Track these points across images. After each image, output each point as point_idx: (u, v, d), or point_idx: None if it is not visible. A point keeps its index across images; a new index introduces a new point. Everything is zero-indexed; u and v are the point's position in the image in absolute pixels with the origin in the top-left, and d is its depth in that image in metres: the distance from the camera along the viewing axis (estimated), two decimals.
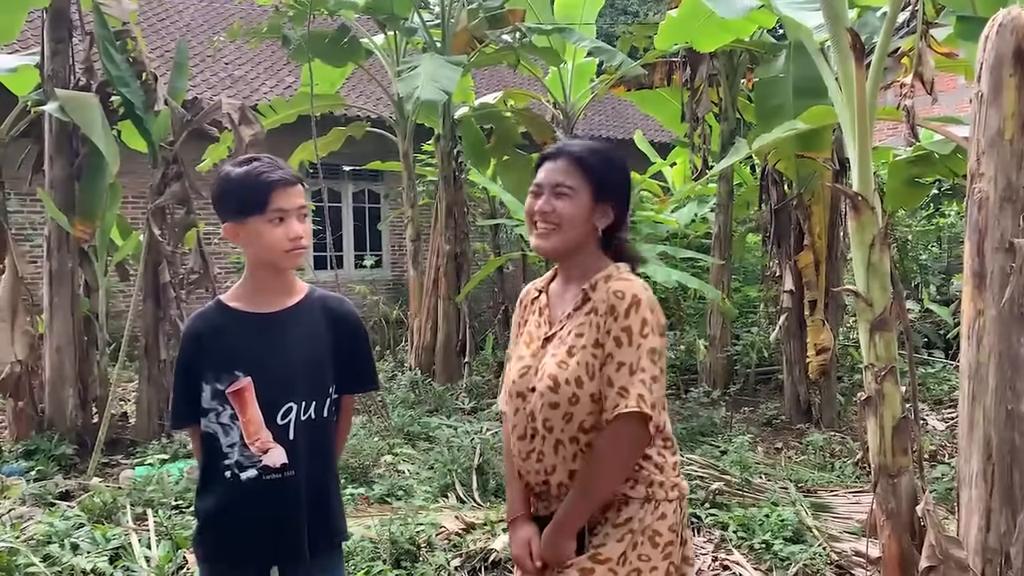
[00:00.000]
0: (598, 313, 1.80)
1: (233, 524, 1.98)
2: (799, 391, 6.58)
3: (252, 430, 1.94)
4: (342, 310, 2.11)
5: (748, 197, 8.46)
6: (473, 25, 7.56)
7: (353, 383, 2.13)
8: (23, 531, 3.85)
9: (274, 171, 1.93)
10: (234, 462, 1.95)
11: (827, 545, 3.77)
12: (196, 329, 2.04)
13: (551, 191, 1.84)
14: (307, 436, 1.98)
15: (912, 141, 3.39)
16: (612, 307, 1.79)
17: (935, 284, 9.55)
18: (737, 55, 7.32)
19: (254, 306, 2.02)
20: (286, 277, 2.05)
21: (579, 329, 1.82)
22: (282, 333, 2.00)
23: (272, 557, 2.01)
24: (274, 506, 1.96)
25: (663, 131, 13.26)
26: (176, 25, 12.82)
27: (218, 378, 1.95)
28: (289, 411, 1.96)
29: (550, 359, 1.84)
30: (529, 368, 1.88)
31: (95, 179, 5.70)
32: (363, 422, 6.22)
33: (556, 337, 1.87)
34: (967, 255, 2.48)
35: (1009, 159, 2.37)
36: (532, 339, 1.92)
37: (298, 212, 1.96)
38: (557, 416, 1.81)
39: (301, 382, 1.98)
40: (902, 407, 2.90)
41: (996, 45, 2.41)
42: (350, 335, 2.09)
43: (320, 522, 2.02)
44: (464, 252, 8.16)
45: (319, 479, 2.02)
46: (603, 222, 1.87)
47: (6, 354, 5.63)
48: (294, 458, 1.96)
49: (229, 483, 1.95)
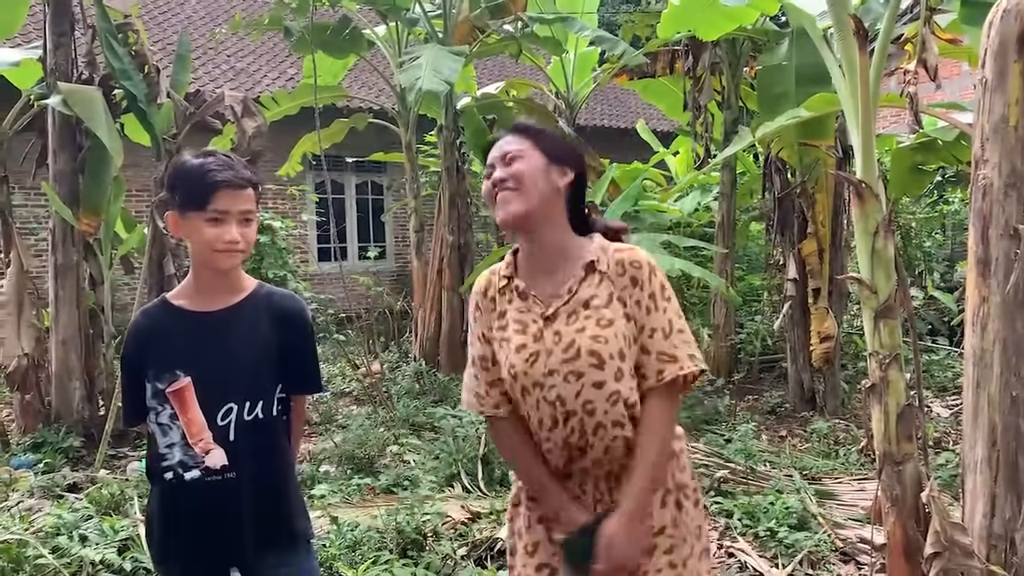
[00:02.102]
0: (617, 286, 1.76)
1: (179, 525, 1.94)
2: (803, 379, 6.59)
3: (194, 430, 1.89)
4: (287, 308, 2.01)
5: (751, 185, 8.45)
6: (475, 15, 7.54)
7: (296, 384, 2.04)
8: (32, 523, 3.87)
9: (223, 171, 1.86)
10: (177, 462, 1.90)
11: (832, 532, 3.78)
12: (139, 326, 1.99)
13: (502, 163, 1.78)
14: (251, 437, 1.92)
15: (916, 128, 3.37)
16: (634, 278, 1.76)
17: (939, 271, 9.52)
18: (740, 43, 7.29)
19: (197, 304, 1.96)
20: (231, 275, 1.97)
21: (596, 302, 1.75)
22: (222, 332, 1.94)
23: (221, 558, 1.96)
24: (216, 507, 1.91)
25: (666, 120, 13.24)
26: (178, 18, 12.81)
27: (159, 377, 1.90)
28: (229, 412, 1.90)
29: (577, 335, 1.73)
30: (537, 353, 1.76)
31: (99, 172, 5.71)
32: (368, 413, 6.25)
33: (560, 315, 1.77)
34: (971, 242, 2.48)
35: (1013, 145, 2.36)
36: (525, 325, 1.79)
37: (240, 216, 1.88)
38: (601, 396, 1.72)
39: (241, 382, 1.92)
40: (906, 394, 2.90)
41: (1000, 31, 2.40)
42: (294, 334, 2.01)
43: (272, 522, 1.96)
44: (467, 243, 8.16)
45: (267, 479, 1.95)
46: (563, 180, 1.80)
47: (13, 348, 5.66)
48: (235, 459, 1.90)
49: (171, 484, 1.91)
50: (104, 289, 6.00)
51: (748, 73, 7.59)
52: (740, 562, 3.63)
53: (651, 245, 6.71)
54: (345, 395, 7.35)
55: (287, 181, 9.63)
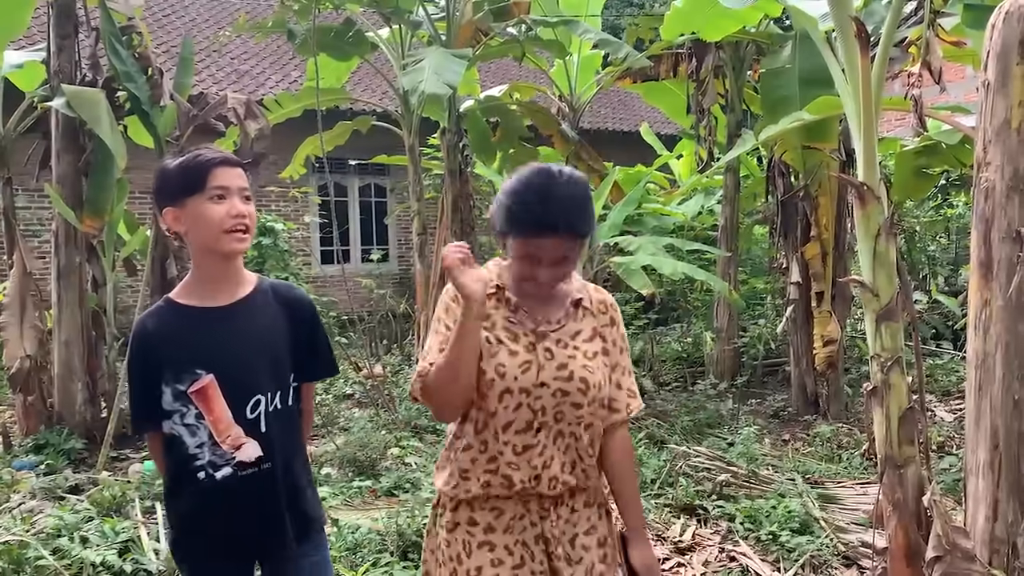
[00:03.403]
0: (599, 323, 1.94)
1: (215, 524, 1.94)
2: (806, 382, 6.58)
3: (221, 428, 1.88)
4: (295, 296, 2.05)
5: (755, 189, 8.44)
6: (478, 18, 7.54)
7: (312, 370, 2.08)
8: (33, 524, 3.88)
9: (213, 153, 1.89)
10: (207, 462, 1.89)
11: (834, 536, 3.77)
12: (147, 330, 1.94)
13: (552, 262, 1.81)
14: (279, 426, 1.95)
15: (920, 131, 3.36)
16: (612, 319, 1.97)
17: (943, 275, 9.51)
18: (743, 46, 7.29)
19: (205, 301, 1.94)
20: (233, 267, 1.96)
21: (583, 336, 1.91)
22: (238, 326, 1.94)
23: (257, 551, 1.99)
24: (254, 501, 1.92)
25: (669, 123, 13.24)
26: (181, 20, 12.84)
27: (178, 378, 1.88)
28: (258, 404, 1.91)
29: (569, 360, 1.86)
30: (529, 363, 1.84)
31: (102, 174, 5.72)
32: (370, 415, 6.24)
33: (550, 337, 1.88)
34: (974, 245, 2.47)
35: (1016, 148, 2.36)
36: (516, 336, 1.87)
37: (240, 192, 1.88)
38: (573, 413, 1.86)
39: (265, 373, 1.94)
40: (909, 398, 2.89)
41: (1003, 33, 2.40)
42: (306, 322, 2.04)
43: (298, 511, 1.99)
44: (471, 245, 8.13)
45: (292, 468, 1.99)
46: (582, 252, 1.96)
47: (15, 349, 5.67)
48: (268, 450, 1.92)
49: (204, 484, 1.90)
50: (107, 291, 6.02)
51: (751, 76, 7.59)
52: (742, 566, 3.62)
53: (654, 248, 6.72)
54: (347, 398, 7.34)
55: (290, 183, 9.63)
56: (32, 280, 5.82)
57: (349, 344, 8.44)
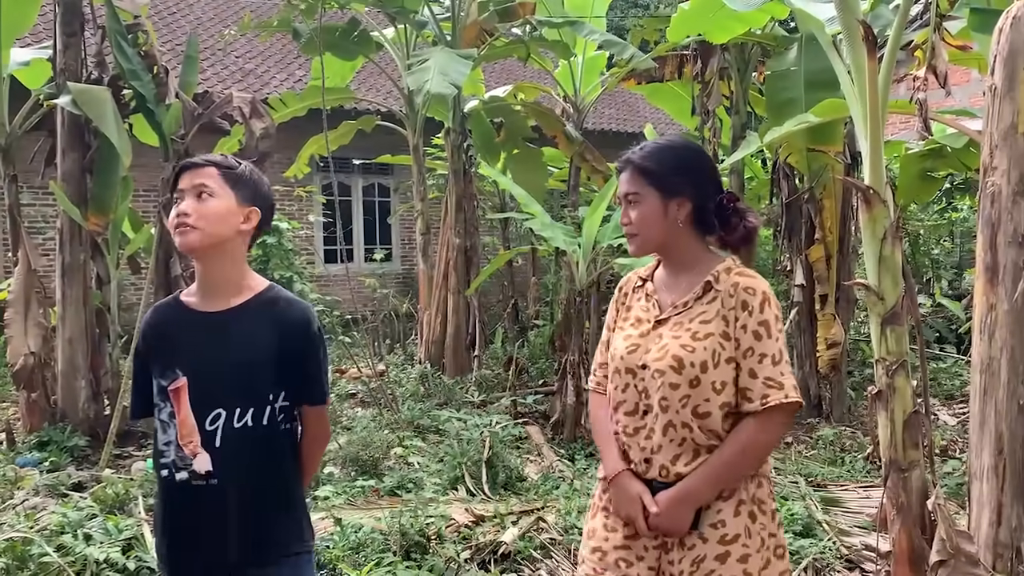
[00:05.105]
0: (726, 306, 1.87)
1: (169, 527, 1.94)
2: (809, 385, 6.56)
3: (185, 432, 1.87)
4: (291, 314, 1.93)
5: (759, 191, 8.43)
6: (483, 18, 7.55)
7: (297, 394, 1.96)
8: (37, 521, 3.88)
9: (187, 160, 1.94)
10: (171, 461, 1.89)
11: (837, 539, 3.76)
12: (148, 322, 2.00)
13: (625, 201, 1.96)
14: (239, 445, 1.86)
15: (925, 135, 3.36)
16: (745, 302, 1.86)
17: (947, 279, 9.49)
18: (748, 48, 7.27)
19: (203, 304, 1.94)
20: (219, 270, 1.92)
21: (704, 317, 1.88)
22: (218, 334, 1.90)
23: (204, 564, 1.93)
24: (198, 513, 1.89)
25: (674, 125, 13.23)
26: (187, 19, 12.86)
27: (163, 374, 1.90)
28: (217, 417, 1.86)
29: (671, 341, 1.88)
30: (638, 347, 1.94)
31: (107, 172, 5.72)
32: (373, 415, 6.25)
33: (671, 321, 1.92)
34: (979, 249, 2.47)
35: (1022, 152, 2.35)
36: (640, 321, 1.98)
37: (193, 189, 1.86)
38: (675, 397, 1.86)
39: (232, 387, 1.87)
40: (913, 401, 2.89)
41: (1010, 38, 2.39)
42: (295, 341, 1.92)
43: (258, 535, 1.90)
44: (474, 246, 8.16)
45: (256, 491, 1.90)
46: (681, 214, 1.92)
47: (19, 346, 5.67)
48: (220, 467, 1.86)
49: (166, 481, 1.90)
50: (111, 289, 6.02)
51: (757, 78, 7.57)
52: None
53: None
54: (350, 397, 7.35)
55: (294, 182, 9.64)
56: (36, 277, 5.82)
57: (352, 343, 8.44)
